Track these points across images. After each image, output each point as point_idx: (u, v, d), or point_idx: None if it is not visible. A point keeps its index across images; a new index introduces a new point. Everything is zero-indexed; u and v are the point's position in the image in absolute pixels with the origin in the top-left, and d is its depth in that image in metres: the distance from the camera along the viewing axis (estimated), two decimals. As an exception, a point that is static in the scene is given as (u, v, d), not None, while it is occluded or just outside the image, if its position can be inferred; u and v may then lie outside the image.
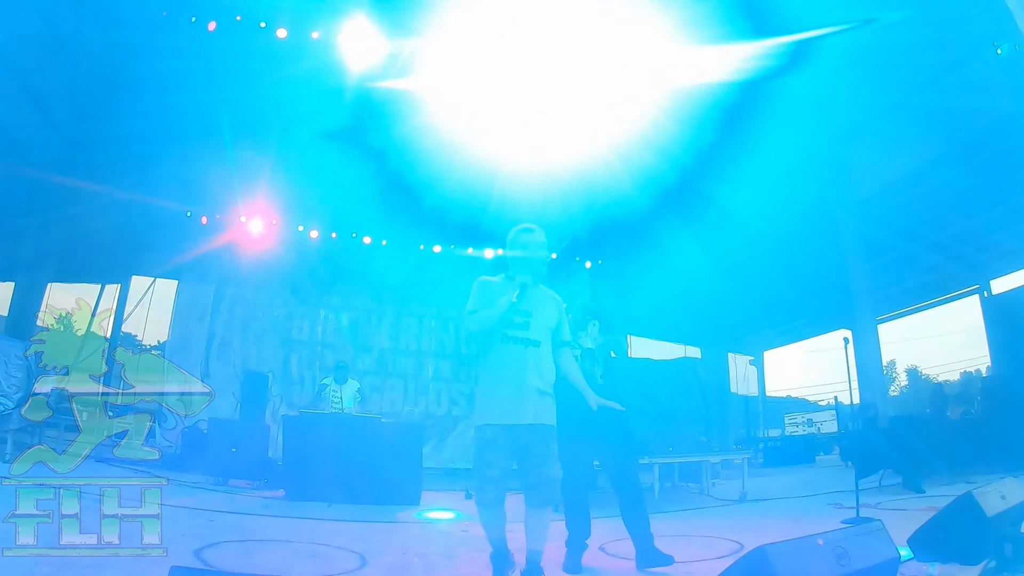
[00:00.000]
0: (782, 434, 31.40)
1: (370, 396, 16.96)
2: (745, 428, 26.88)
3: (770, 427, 32.78)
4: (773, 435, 30.64)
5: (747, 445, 22.42)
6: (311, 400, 14.55)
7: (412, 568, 4.41)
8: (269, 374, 16.24)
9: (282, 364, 17.11)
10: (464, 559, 4.77)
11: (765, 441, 27.07)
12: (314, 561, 4.57)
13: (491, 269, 17.25)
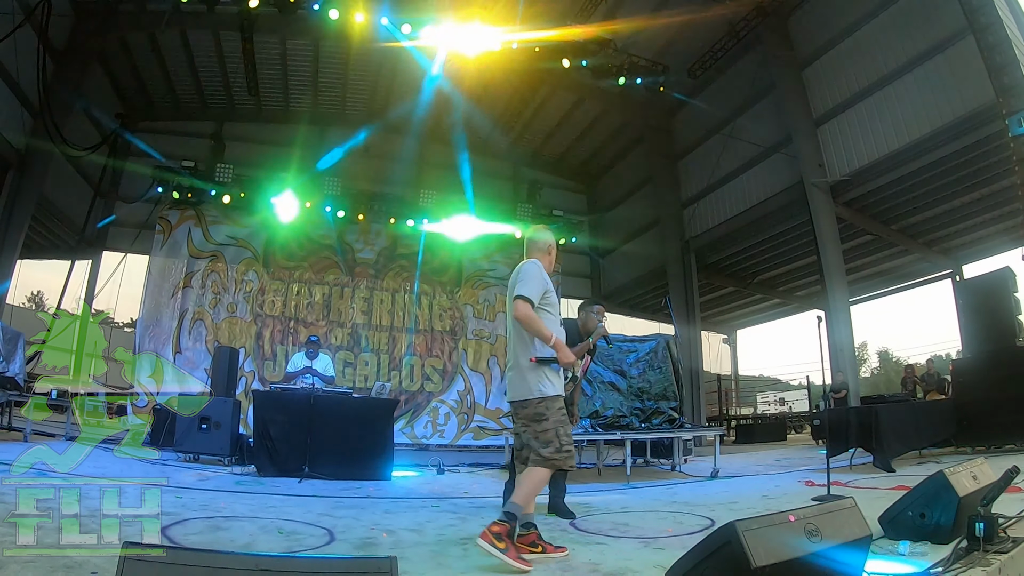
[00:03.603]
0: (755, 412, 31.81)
1: (343, 371, 16.92)
2: (718, 406, 27.11)
3: (743, 405, 33.16)
4: (746, 413, 31.00)
5: (719, 423, 22.66)
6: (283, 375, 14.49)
7: (381, 544, 4.36)
8: (241, 349, 16.11)
9: (254, 339, 17.00)
10: (432, 534, 4.73)
11: (738, 419, 27.36)
12: (281, 537, 4.51)
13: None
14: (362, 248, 18.70)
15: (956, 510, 3.72)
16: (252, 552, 2.55)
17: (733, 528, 2.39)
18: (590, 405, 10.18)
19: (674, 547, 3.88)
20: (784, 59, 16.40)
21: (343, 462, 8.58)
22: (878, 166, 14.84)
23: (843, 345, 15.27)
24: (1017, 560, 3.42)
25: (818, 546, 2.52)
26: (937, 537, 3.74)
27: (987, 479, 4.05)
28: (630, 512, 5.53)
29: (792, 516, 2.57)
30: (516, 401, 4.43)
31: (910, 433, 9.53)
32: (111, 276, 18.59)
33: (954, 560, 3.29)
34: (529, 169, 22.52)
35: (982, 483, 3.98)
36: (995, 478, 3.87)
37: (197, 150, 18.01)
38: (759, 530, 2.42)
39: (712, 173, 19.41)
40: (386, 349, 18.27)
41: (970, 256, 19.10)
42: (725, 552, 2.42)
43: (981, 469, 4.18)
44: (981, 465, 4.25)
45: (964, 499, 3.75)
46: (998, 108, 11.18)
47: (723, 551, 2.43)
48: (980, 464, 4.26)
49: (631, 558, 3.89)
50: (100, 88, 17.46)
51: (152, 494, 3.23)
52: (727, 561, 2.40)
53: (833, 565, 2.61)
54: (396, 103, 20.08)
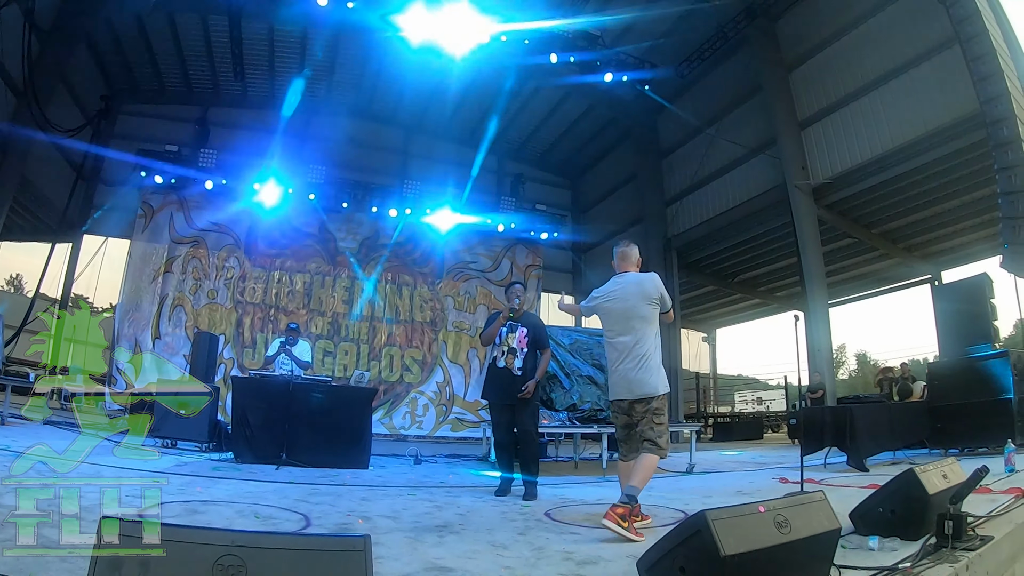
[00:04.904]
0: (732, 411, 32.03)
1: (322, 360, 16.90)
2: (696, 403, 27.27)
3: (721, 403, 33.37)
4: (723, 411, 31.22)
5: (697, 420, 22.81)
6: (263, 362, 14.46)
7: (357, 529, 4.37)
8: (221, 336, 16.05)
9: (234, 326, 16.94)
10: (408, 520, 4.75)
11: (715, 417, 27.54)
12: (258, 521, 4.51)
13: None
14: (344, 237, 18.68)
15: (926, 507, 3.77)
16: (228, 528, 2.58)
17: (703, 517, 2.42)
18: (567, 398, 10.21)
19: (647, 538, 3.92)
20: (771, 61, 16.47)
21: (321, 450, 8.57)
22: (861, 170, 14.93)
23: (821, 346, 15.38)
24: (985, 557, 3.48)
25: (787, 537, 2.56)
26: (907, 533, 3.78)
27: (957, 478, 4.10)
28: (605, 504, 5.54)
29: (762, 507, 2.61)
30: (642, 398, 5.00)
31: (884, 434, 9.65)
32: (91, 260, 18.44)
33: (922, 556, 3.34)
34: (513, 163, 22.52)
35: (952, 482, 4.03)
36: (965, 477, 3.93)
37: (181, 135, 17.91)
38: (729, 519, 2.46)
39: (696, 172, 19.46)
40: (366, 339, 18.26)
41: (950, 262, 19.28)
42: (695, 541, 2.46)
43: (951, 468, 4.24)
44: (951, 464, 4.30)
45: (934, 497, 3.80)
46: (981, 117, 11.31)
47: (693, 540, 2.47)
48: (950, 463, 4.31)
49: (604, 547, 3.93)
50: (85, 70, 17.28)
51: (152, 494, 3.25)
52: (697, 549, 2.44)
53: (801, 556, 2.66)
54: (383, 93, 20.05)
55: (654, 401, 4.95)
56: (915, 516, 3.81)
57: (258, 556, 1.86)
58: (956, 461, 4.45)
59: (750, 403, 33.46)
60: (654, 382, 4.96)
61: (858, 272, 21.24)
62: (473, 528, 4.55)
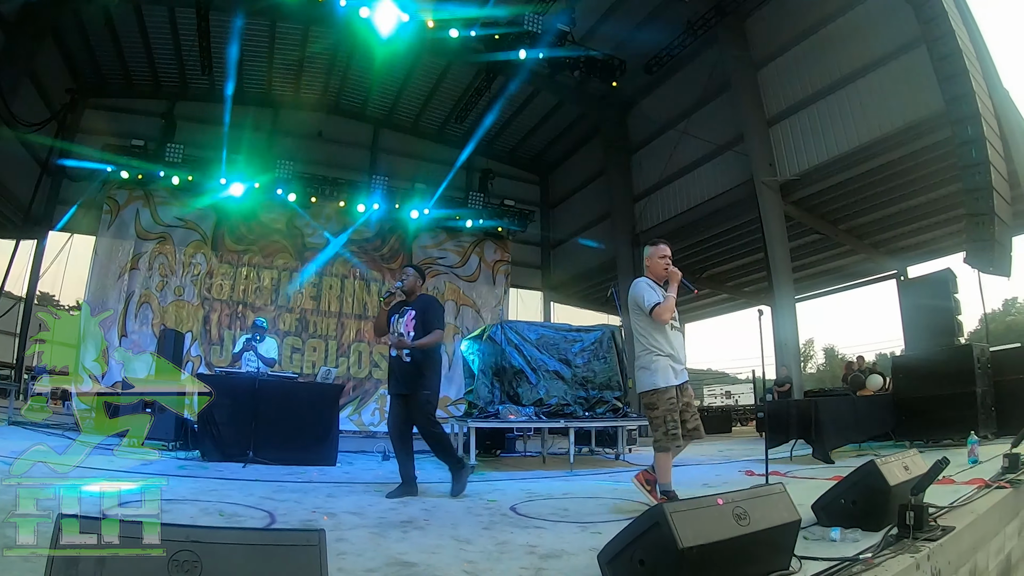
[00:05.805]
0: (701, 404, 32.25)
1: (290, 357, 16.79)
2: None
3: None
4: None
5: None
6: (230, 359, 14.32)
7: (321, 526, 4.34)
8: (188, 333, 15.89)
9: (201, 323, 16.79)
10: (373, 516, 4.73)
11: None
12: (222, 519, 4.47)
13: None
14: (312, 233, 18.56)
15: (887, 498, 3.80)
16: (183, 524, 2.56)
17: (661, 510, 2.43)
18: (534, 393, 10.21)
19: (611, 531, 3.90)
20: (740, 59, 16.60)
21: (288, 447, 8.49)
22: (828, 167, 15.10)
23: (788, 340, 15.54)
24: (946, 548, 3.51)
25: (746, 529, 2.57)
26: (868, 524, 3.81)
27: (918, 469, 4.14)
28: (571, 499, 5.58)
29: (720, 500, 2.62)
30: (640, 393, 5.45)
31: (849, 426, 9.75)
32: (56, 257, 18.15)
33: (884, 546, 3.37)
34: (482, 158, 22.51)
35: (913, 473, 4.07)
36: (926, 469, 3.98)
37: (148, 129, 17.65)
38: (687, 512, 2.46)
39: (664, 168, 19.58)
40: (334, 335, 18.16)
41: (915, 258, 19.55)
42: (653, 533, 2.46)
43: (913, 460, 4.28)
44: (913, 456, 4.35)
45: (895, 488, 3.82)
46: (947, 115, 11.50)
47: (651, 532, 2.47)
48: (912, 455, 4.36)
49: (568, 541, 3.93)
50: (52, 64, 16.98)
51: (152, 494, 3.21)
52: (655, 542, 2.45)
53: (760, 548, 2.68)
54: (351, 87, 19.96)
55: (644, 397, 5.36)
56: (877, 507, 3.84)
57: (213, 551, 1.86)
58: (918, 453, 4.50)
59: (719, 397, 33.73)
60: (641, 380, 5.40)
61: (825, 267, 21.45)
62: (438, 523, 4.52)
